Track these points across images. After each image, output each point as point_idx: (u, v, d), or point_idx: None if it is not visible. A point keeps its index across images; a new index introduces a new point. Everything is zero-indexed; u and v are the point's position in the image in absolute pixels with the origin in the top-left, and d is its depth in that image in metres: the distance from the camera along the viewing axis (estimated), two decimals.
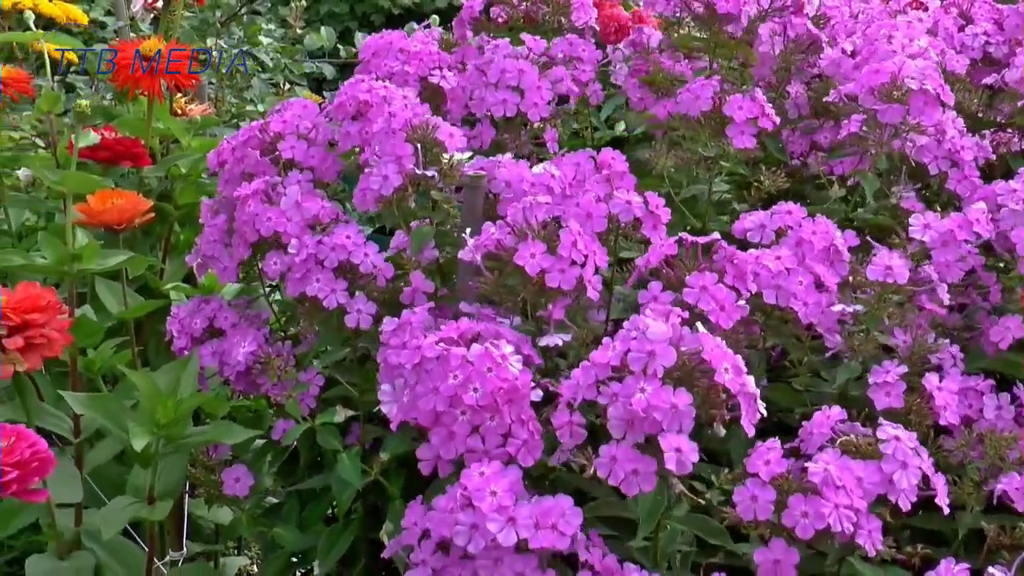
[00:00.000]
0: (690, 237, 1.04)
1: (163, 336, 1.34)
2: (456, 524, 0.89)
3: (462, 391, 0.93)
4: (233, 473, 1.21)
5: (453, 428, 0.94)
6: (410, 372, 0.96)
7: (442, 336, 0.97)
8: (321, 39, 2.47)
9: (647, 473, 0.86)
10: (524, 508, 0.89)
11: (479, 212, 1.10)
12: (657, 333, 0.87)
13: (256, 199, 1.18)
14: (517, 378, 0.94)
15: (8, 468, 0.91)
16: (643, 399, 0.85)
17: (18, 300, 1.17)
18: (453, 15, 1.56)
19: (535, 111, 1.28)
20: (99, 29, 2.45)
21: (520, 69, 1.28)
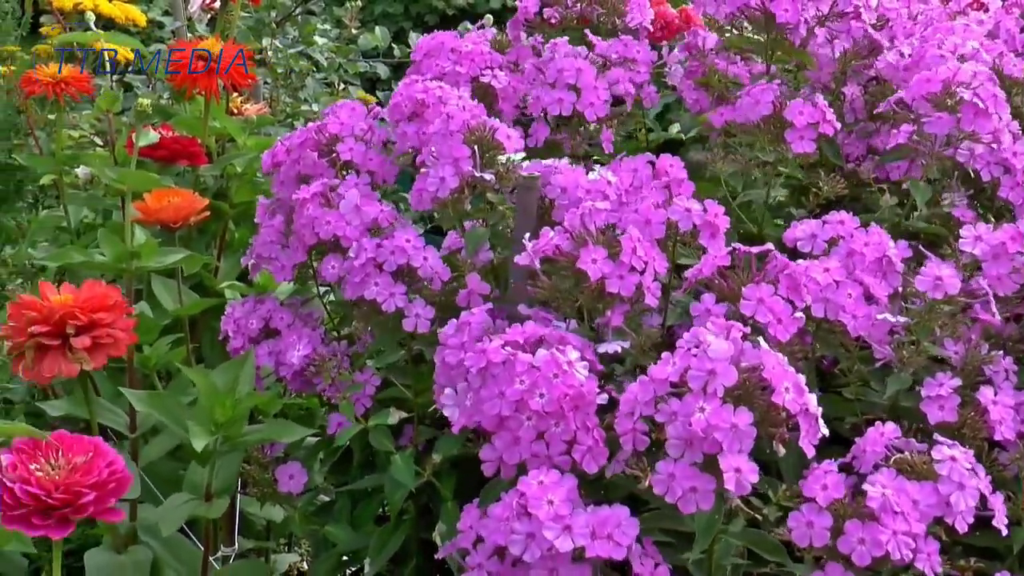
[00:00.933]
0: (743, 247, 1.03)
1: (217, 333, 1.36)
2: (512, 533, 0.89)
3: (528, 396, 0.93)
4: (287, 470, 1.22)
5: (518, 433, 0.94)
6: (475, 376, 0.96)
7: (508, 340, 0.97)
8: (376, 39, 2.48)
9: (705, 491, 0.85)
10: (581, 517, 0.89)
11: (533, 214, 1.10)
12: (718, 351, 0.86)
13: (315, 202, 1.18)
14: (583, 385, 0.93)
15: (86, 490, 0.89)
16: (703, 419, 0.84)
17: (85, 299, 1.18)
18: (507, 15, 1.56)
19: (591, 111, 1.28)
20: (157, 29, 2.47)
21: (578, 68, 1.28)
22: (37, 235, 1.69)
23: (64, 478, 0.89)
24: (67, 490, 0.88)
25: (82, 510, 0.89)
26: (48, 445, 0.91)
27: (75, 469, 0.90)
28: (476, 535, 0.94)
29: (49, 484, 0.88)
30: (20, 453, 0.90)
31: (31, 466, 0.89)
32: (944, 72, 1.19)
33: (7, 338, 1.19)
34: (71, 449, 0.92)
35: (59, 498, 0.88)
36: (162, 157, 1.54)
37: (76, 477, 0.89)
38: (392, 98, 1.25)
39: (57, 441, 0.92)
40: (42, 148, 1.79)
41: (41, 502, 0.88)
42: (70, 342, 1.16)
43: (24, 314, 1.17)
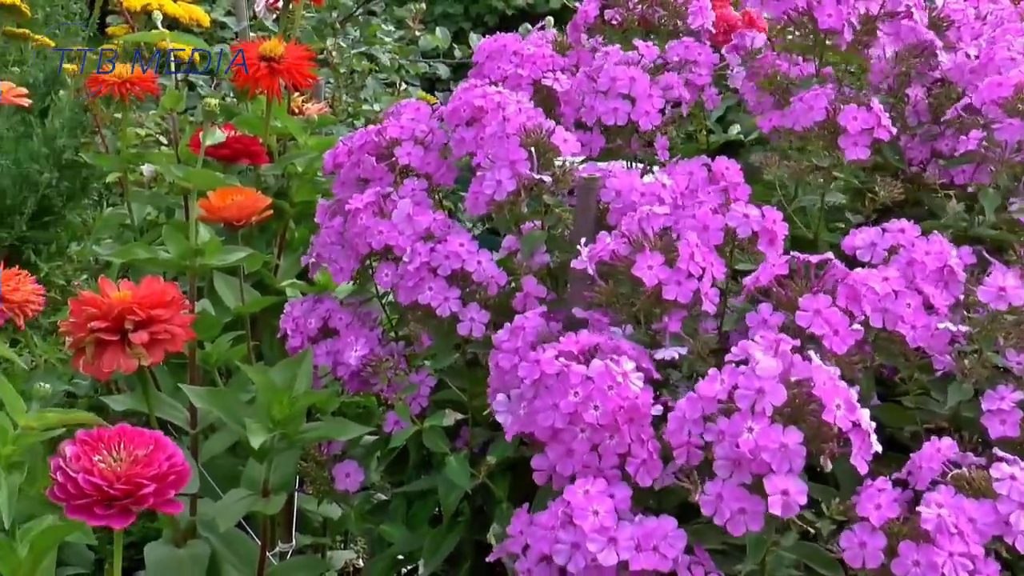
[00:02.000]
0: (802, 256, 1.01)
1: (277, 331, 1.37)
2: (557, 542, 0.89)
3: (583, 409, 0.92)
4: (344, 468, 1.23)
5: (572, 445, 0.93)
6: (528, 387, 0.95)
7: (561, 350, 0.96)
8: (437, 40, 2.49)
9: (755, 513, 0.84)
10: (626, 529, 0.88)
11: (592, 215, 1.09)
12: (766, 369, 0.85)
13: (368, 212, 1.18)
14: (638, 396, 0.92)
15: (146, 481, 0.90)
16: (751, 439, 0.83)
17: (143, 295, 1.20)
18: (567, 16, 1.56)
19: (646, 119, 1.26)
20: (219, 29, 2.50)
21: (631, 77, 1.26)
22: (102, 232, 1.71)
23: (125, 470, 0.91)
24: (128, 481, 0.90)
25: (142, 501, 0.91)
26: (110, 437, 0.93)
27: (136, 461, 0.92)
28: (526, 540, 0.93)
29: (111, 475, 0.90)
30: (83, 445, 0.92)
31: (94, 457, 0.91)
32: (1016, 75, 1.17)
33: (68, 334, 1.21)
34: (133, 442, 0.94)
35: (120, 489, 0.90)
36: (225, 156, 1.56)
37: (137, 469, 0.91)
38: (450, 102, 1.25)
39: (119, 434, 0.94)
40: (108, 146, 1.82)
41: (103, 492, 0.90)
42: (128, 338, 1.18)
43: (84, 310, 1.19)
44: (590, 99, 1.27)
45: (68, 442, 0.92)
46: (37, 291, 1.29)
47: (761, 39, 1.40)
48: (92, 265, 1.93)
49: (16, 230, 1.83)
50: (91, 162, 1.72)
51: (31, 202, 1.83)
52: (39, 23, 2.03)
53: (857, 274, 0.99)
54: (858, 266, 1.02)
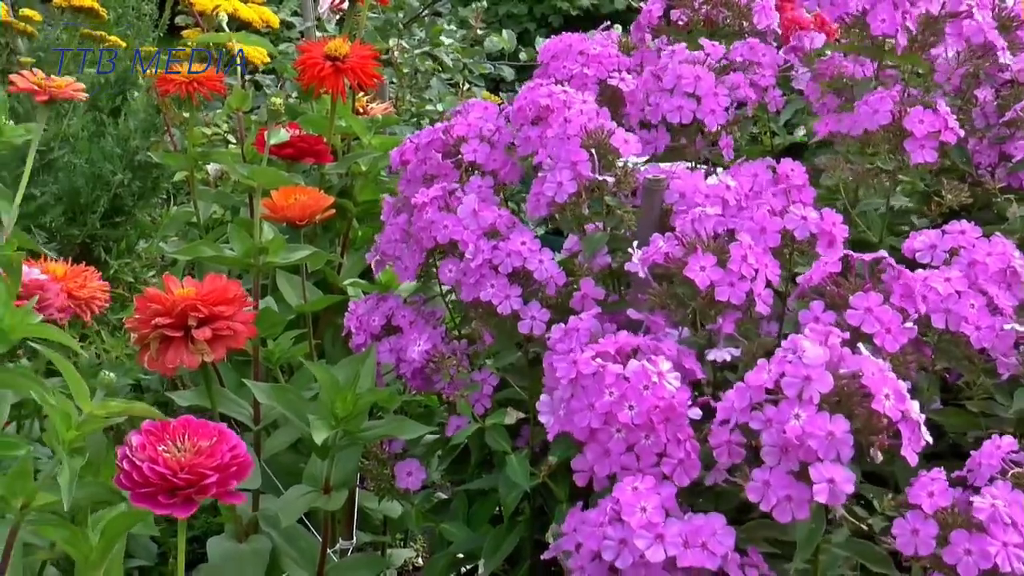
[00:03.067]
0: (856, 254, 1.01)
1: (339, 329, 1.38)
2: (605, 539, 0.89)
3: (617, 408, 0.92)
4: (406, 467, 1.23)
5: (608, 445, 0.94)
6: (566, 386, 0.96)
7: (598, 351, 0.96)
8: (502, 41, 2.50)
9: (800, 500, 0.84)
10: (674, 526, 0.88)
11: (655, 217, 1.09)
12: (814, 357, 0.85)
13: (433, 206, 1.19)
14: (674, 396, 0.93)
15: (209, 471, 0.92)
16: (797, 426, 0.83)
17: (207, 292, 1.21)
18: (632, 18, 1.55)
19: (712, 118, 1.26)
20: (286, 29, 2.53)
21: (697, 75, 1.26)
22: (169, 230, 1.74)
23: (189, 460, 0.92)
24: (191, 471, 0.92)
25: (205, 491, 0.92)
26: (175, 429, 0.95)
27: (200, 452, 0.93)
28: (578, 538, 0.94)
29: (175, 464, 0.92)
30: (149, 435, 0.94)
31: (159, 447, 0.93)
32: None
33: (134, 329, 1.23)
34: (196, 433, 0.95)
35: (184, 478, 0.91)
36: (289, 155, 1.57)
37: (200, 459, 0.92)
38: (516, 101, 1.26)
39: (184, 426, 0.96)
40: (176, 145, 1.85)
41: (167, 481, 0.91)
42: (192, 334, 1.19)
43: (149, 306, 1.21)
44: (655, 97, 1.27)
45: (134, 432, 0.94)
46: (103, 288, 1.31)
47: (821, 40, 1.38)
48: (159, 262, 1.96)
49: (88, 228, 1.86)
50: (161, 161, 1.74)
51: (103, 201, 1.86)
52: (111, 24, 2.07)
53: (915, 274, 0.99)
54: (919, 269, 1.01)
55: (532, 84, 1.27)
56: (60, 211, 1.83)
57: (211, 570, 1.30)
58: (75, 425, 0.94)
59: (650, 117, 1.28)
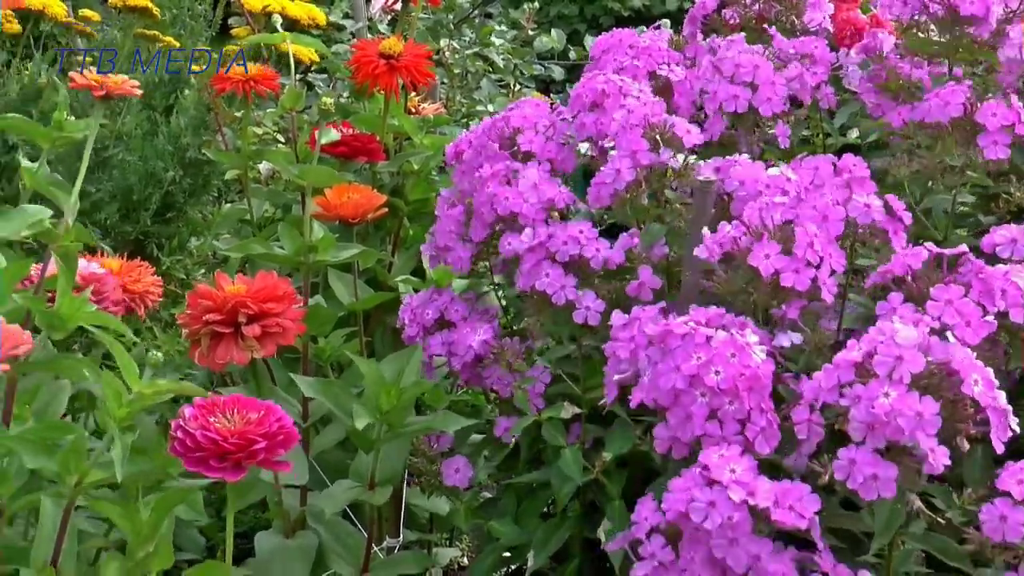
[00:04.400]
0: (935, 248, 1.00)
1: (389, 327, 1.38)
2: (693, 501, 0.89)
3: (704, 371, 0.93)
4: (453, 464, 1.23)
5: (691, 409, 0.94)
6: (655, 349, 0.96)
7: (691, 318, 0.97)
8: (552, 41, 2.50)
9: (886, 479, 0.84)
10: (764, 484, 0.88)
11: (707, 217, 1.09)
12: (907, 338, 0.85)
13: (495, 180, 1.20)
14: (759, 366, 0.93)
15: (258, 438, 0.96)
16: (887, 403, 0.83)
17: (257, 290, 1.22)
18: (682, 18, 1.55)
19: (768, 106, 1.25)
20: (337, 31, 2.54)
21: (755, 64, 1.26)
22: (221, 227, 1.75)
23: (239, 428, 0.98)
24: (241, 437, 0.97)
25: (254, 455, 0.97)
26: (225, 403, 1.00)
27: (248, 422, 0.99)
28: (651, 525, 0.94)
29: (225, 431, 0.97)
30: (200, 408, 1.00)
31: (210, 418, 0.98)
32: None
33: (185, 325, 1.24)
34: (245, 407, 1.01)
35: (233, 443, 0.96)
36: (342, 154, 1.58)
37: (250, 428, 0.98)
38: (573, 90, 1.27)
39: (233, 401, 1.01)
40: (228, 144, 1.86)
41: (218, 446, 0.96)
42: (242, 330, 1.20)
43: (200, 303, 1.22)
44: (712, 85, 1.27)
45: (187, 406, 1.00)
46: (156, 283, 1.33)
47: (891, 41, 1.37)
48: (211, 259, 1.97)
49: (141, 224, 1.88)
50: (213, 159, 1.75)
51: (156, 198, 1.88)
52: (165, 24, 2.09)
53: (995, 269, 0.98)
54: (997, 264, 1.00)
55: (589, 74, 1.28)
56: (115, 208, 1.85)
57: (259, 564, 1.31)
58: (126, 403, 0.97)
59: (706, 105, 1.28)
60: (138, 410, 0.97)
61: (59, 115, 1.11)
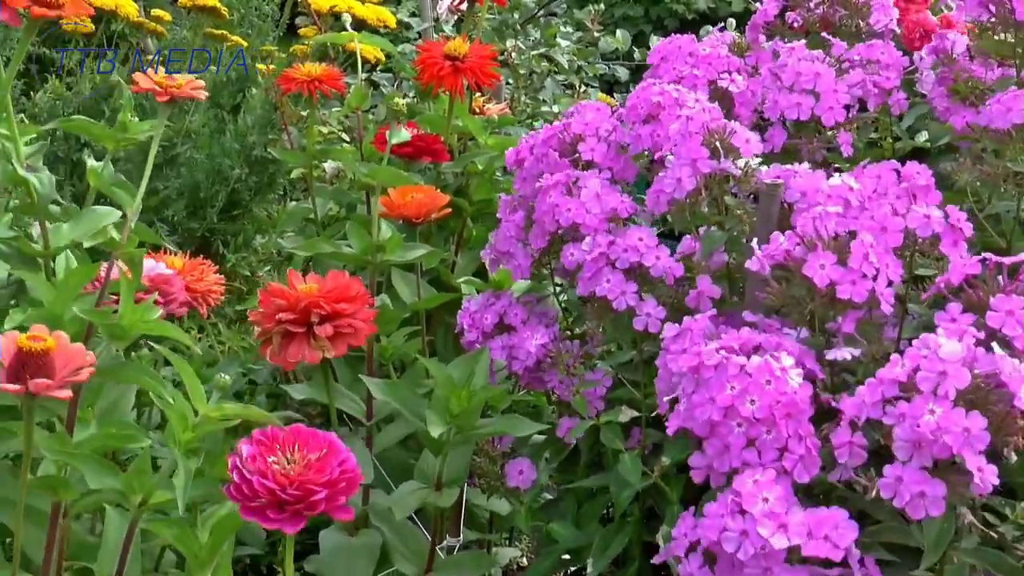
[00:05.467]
0: (994, 256, 0.99)
1: (451, 327, 1.39)
2: (725, 530, 0.88)
3: (739, 402, 0.92)
4: (517, 465, 1.24)
5: (728, 440, 0.93)
6: (688, 379, 0.96)
7: (722, 345, 0.96)
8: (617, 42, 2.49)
9: (935, 497, 0.83)
10: (797, 515, 0.87)
11: (774, 220, 1.08)
12: (950, 352, 0.84)
13: (557, 190, 1.19)
14: (796, 392, 0.92)
15: (318, 487, 0.89)
16: (932, 421, 0.82)
17: (329, 290, 1.23)
18: (749, 19, 1.54)
19: (830, 115, 1.24)
20: (404, 30, 2.55)
21: (816, 72, 1.25)
22: (286, 225, 1.77)
23: (298, 474, 0.90)
24: (300, 487, 0.89)
25: (314, 507, 0.89)
26: (285, 438, 0.92)
27: (309, 466, 0.91)
28: (690, 542, 0.93)
29: (284, 479, 0.89)
30: (259, 445, 0.92)
31: (269, 459, 0.91)
32: None
33: (257, 324, 1.25)
34: (306, 444, 0.92)
35: (292, 494, 0.89)
36: (407, 154, 1.58)
37: (310, 475, 0.90)
38: (628, 100, 1.25)
39: (294, 435, 0.93)
40: (293, 143, 1.88)
41: (276, 496, 0.89)
42: (314, 330, 1.21)
43: (272, 302, 1.23)
44: (773, 94, 1.26)
45: (244, 441, 0.92)
46: (218, 281, 1.34)
47: (963, 43, 1.35)
48: (275, 257, 1.99)
49: (207, 222, 1.91)
50: (279, 157, 1.77)
51: (222, 195, 1.90)
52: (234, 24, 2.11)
53: None
54: None
55: (644, 84, 1.27)
56: (182, 205, 1.88)
57: (322, 562, 1.32)
58: (191, 427, 0.95)
59: (768, 114, 1.27)
60: (204, 433, 0.95)
61: (124, 116, 1.12)
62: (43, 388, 0.86)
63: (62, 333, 0.91)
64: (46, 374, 0.87)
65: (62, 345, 0.90)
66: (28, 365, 0.87)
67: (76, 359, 0.90)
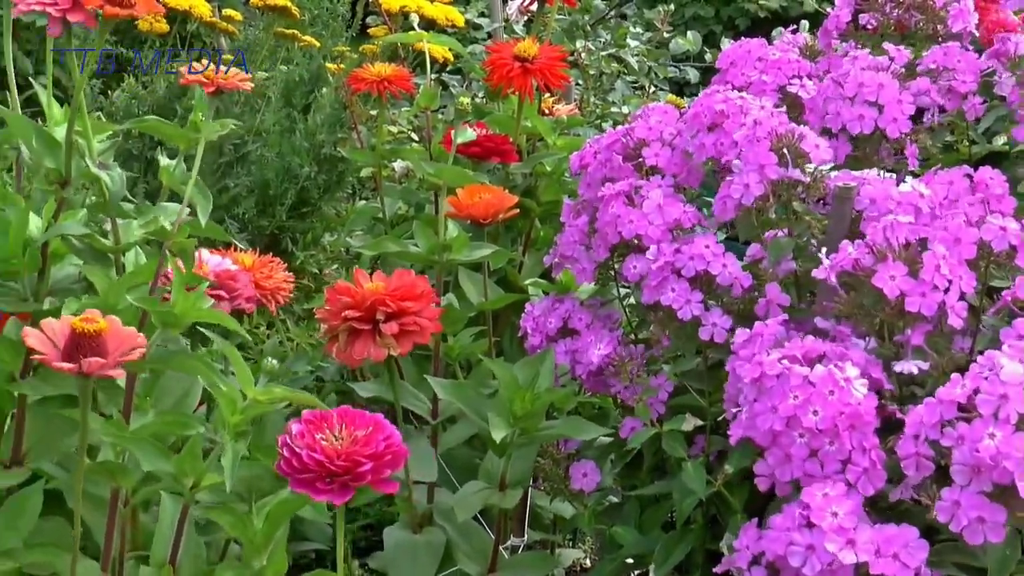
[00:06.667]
0: None
1: (518, 328, 1.39)
2: (791, 544, 0.87)
3: (801, 412, 0.91)
4: (581, 468, 1.23)
5: (790, 450, 0.92)
6: (750, 388, 0.95)
7: (785, 354, 0.95)
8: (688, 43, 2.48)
9: (994, 523, 0.81)
10: (865, 532, 0.86)
11: (846, 225, 1.06)
12: (1011, 375, 0.82)
13: (619, 201, 1.18)
14: (860, 403, 0.91)
15: (364, 459, 0.94)
16: (992, 446, 0.80)
17: (395, 288, 1.24)
18: (822, 19, 1.52)
19: (894, 127, 1.21)
20: (473, 30, 2.56)
21: (879, 83, 1.21)
22: (354, 224, 1.78)
23: (345, 448, 0.95)
24: (347, 458, 0.94)
25: (360, 478, 0.94)
26: (333, 417, 0.98)
27: (355, 441, 0.96)
28: (753, 554, 0.92)
29: (332, 452, 0.94)
30: (308, 424, 0.97)
31: (316, 435, 0.96)
32: None
33: (323, 321, 1.26)
34: (353, 423, 0.98)
35: (340, 465, 0.94)
36: (475, 154, 1.59)
37: (356, 448, 0.95)
38: (691, 108, 1.24)
39: (341, 415, 0.98)
40: (363, 142, 1.89)
41: (324, 468, 0.94)
42: (379, 328, 1.22)
43: (339, 299, 1.24)
44: (835, 105, 1.23)
45: (294, 421, 0.98)
46: (288, 279, 1.35)
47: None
48: (343, 255, 2.01)
49: (277, 219, 1.93)
50: (348, 157, 1.78)
51: (291, 193, 1.92)
52: (305, 24, 2.13)
53: None
54: None
55: (708, 91, 1.25)
56: (252, 202, 1.90)
57: (386, 558, 1.33)
58: (239, 410, 0.98)
59: (831, 125, 1.24)
60: (251, 416, 0.98)
61: (196, 116, 1.13)
62: (96, 367, 0.89)
63: (115, 317, 0.94)
64: (99, 354, 0.90)
65: (115, 328, 0.93)
66: (82, 346, 0.90)
67: (129, 341, 0.93)
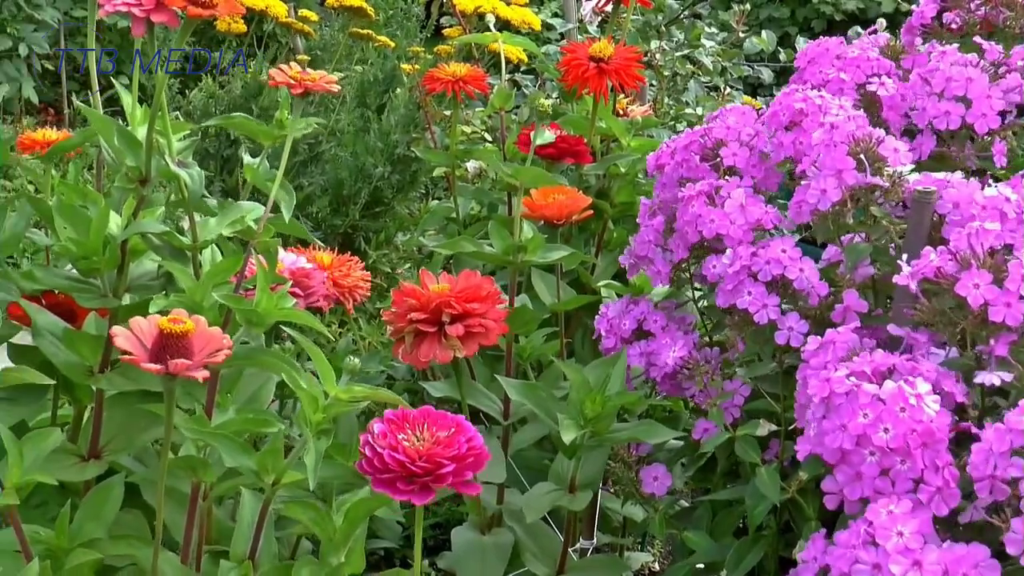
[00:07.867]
0: None
1: (589, 329, 1.38)
2: (856, 562, 0.86)
3: (871, 430, 0.89)
4: (652, 472, 1.22)
5: (861, 468, 0.91)
6: (818, 405, 0.93)
7: (853, 370, 0.93)
8: (763, 43, 2.45)
9: None
10: (932, 553, 0.84)
11: (925, 231, 1.05)
12: None
13: (700, 200, 1.17)
14: (932, 420, 0.88)
15: (446, 461, 0.94)
16: None
17: (460, 289, 1.24)
18: (900, 20, 1.49)
19: (982, 122, 1.19)
20: (546, 31, 2.56)
21: (968, 78, 1.20)
22: (428, 224, 1.78)
23: (427, 449, 0.95)
24: (429, 459, 0.94)
25: (441, 479, 0.94)
26: (415, 418, 0.97)
27: (438, 442, 0.95)
28: (820, 567, 0.91)
29: (413, 453, 0.94)
30: (390, 423, 0.97)
31: (399, 435, 0.96)
32: None
33: (390, 323, 1.27)
34: (436, 424, 0.97)
35: (421, 466, 0.94)
36: (549, 155, 1.59)
37: (438, 449, 0.95)
38: (770, 107, 1.23)
39: (424, 415, 0.98)
40: (437, 142, 1.89)
41: (405, 468, 0.94)
42: (445, 329, 1.22)
43: (405, 301, 1.24)
44: (922, 101, 1.21)
45: (376, 420, 0.98)
46: (365, 278, 1.36)
47: None
48: (416, 255, 2.01)
49: (350, 218, 1.94)
50: (421, 156, 1.79)
51: (365, 193, 1.93)
52: (380, 24, 2.14)
53: None
54: None
55: (787, 90, 1.24)
56: (326, 201, 1.91)
57: (454, 558, 1.33)
58: (321, 408, 0.98)
59: (916, 121, 1.23)
60: (333, 414, 0.98)
61: (281, 114, 1.14)
62: (182, 368, 0.89)
63: (201, 317, 0.95)
64: (185, 355, 0.90)
65: (201, 329, 0.94)
66: (168, 347, 0.90)
67: (214, 342, 0.94)
